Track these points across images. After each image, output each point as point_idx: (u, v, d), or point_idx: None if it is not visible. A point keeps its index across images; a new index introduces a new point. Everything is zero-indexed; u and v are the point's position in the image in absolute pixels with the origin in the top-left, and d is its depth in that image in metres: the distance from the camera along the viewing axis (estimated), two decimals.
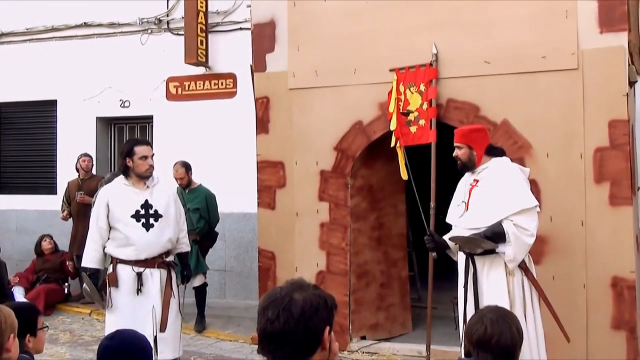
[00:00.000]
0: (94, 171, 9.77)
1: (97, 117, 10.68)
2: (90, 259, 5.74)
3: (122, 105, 10.47)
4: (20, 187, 11.24)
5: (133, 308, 5.60)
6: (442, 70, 6.69)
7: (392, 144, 6.81)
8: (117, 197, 5.71)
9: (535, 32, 6.34)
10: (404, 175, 6.84)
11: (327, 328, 2.12)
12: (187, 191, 8.17)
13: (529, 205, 5.08)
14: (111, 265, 5.73)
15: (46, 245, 9.67)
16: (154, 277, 5.67)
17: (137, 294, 5.61)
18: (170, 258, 5.88)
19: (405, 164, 6.73)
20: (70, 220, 9.55)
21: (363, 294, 7.34)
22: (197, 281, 8.12)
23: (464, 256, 5.28)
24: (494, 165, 5.27)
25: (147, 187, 5.75)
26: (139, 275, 5.61)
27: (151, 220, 5.67)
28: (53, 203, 10.34)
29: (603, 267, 6.12)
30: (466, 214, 5.28)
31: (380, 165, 7.39)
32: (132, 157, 5.67)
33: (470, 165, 5.32)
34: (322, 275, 7.23)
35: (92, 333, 8.10)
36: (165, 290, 5.70)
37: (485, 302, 5.05)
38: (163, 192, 5.85)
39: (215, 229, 8.47)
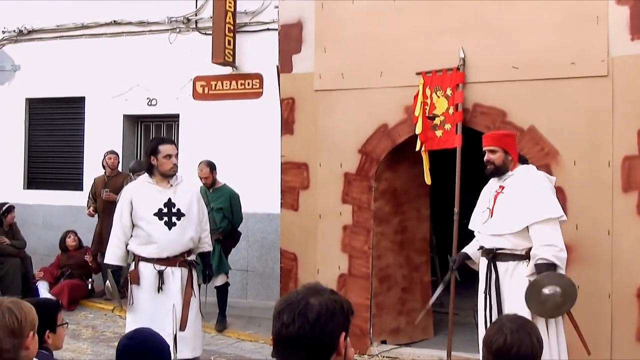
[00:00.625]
0: (120, 168, 9.84)
1: (124, 115, 10.75)
2: (112, 256, 5.79)
3: (149, 103, 10.54)
4: (47, 182, 11.37)
5: (154, 306, 5.62)
6: (469, 74, 6.63)
7: (417, 148, 6.77)
8: (140, 195, 5.73)
9: (565, 37, 6.26)
10: (428, 179, 6.81)
11: (343, 334, 2.09)
12: (211, 190, 8.18)
13: (554, 215, 5.00)
14: (133, 262, 5.77)
15: (70, 242, 9.75)
16: (175, 276, 5.68)
17: (158, 292, 5.63)
18: (192, 257, 5.90)
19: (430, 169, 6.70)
20: (96, 216, 9.62)
21: (384, 298, 7.31)
22: (219, 281, 8.13)
23: (486, 261, 5.24)
24: (520, 172, 5.20)
25: (171, 185, 5.77)
26: (160, 274, 5.63)
27: (174, 219, 5.68)
28: (79, 199, 10.44)
29: (629, 277, 6.03)
30: (490, 221, 5.22)
31: (405, 168, 7.35)
32: (157, 155, 5.70)
33: (503, 170, 5.21)
34: (343, 278, 7.21)
35: (114, 329, 8.15)
36: (186, 289, 5.72)
37: (506, 308, 5.01)
38: (186, 191, 5.87)
39: (239, 229, 8.49)
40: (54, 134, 11.43)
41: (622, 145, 6.06)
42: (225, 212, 8.15)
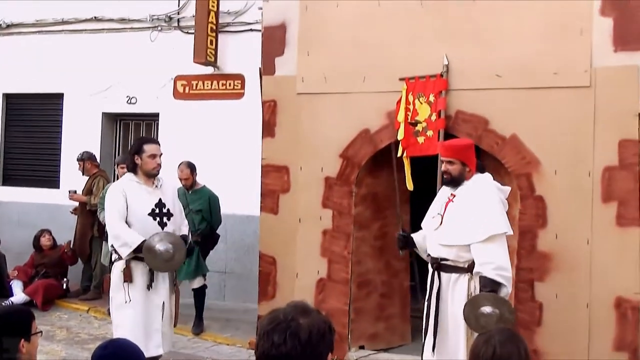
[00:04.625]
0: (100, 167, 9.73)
1: (103, 113, 10.64)
2: (135, 236, 5.60)
3: (129, 101, 10.43)
4: (23, 179, 11.21)
5: (145, 303, 5.69)
6: (453, 81, 6.61)
7: (399, 154, 6.75)
8: (133, 194, 5.76)
9: (548, 47, 6.26)
10: (410, 185, 6.79)
11: (330, 354, 2.08)
12: (190, 192, 8.11)
13: (496, 231, 5.02)
14: (120, 261, 5.68)
15: (45, 241, 9.63)
16: (164, 274, 5.78)
17: (149, 290, 5.69)
18: None
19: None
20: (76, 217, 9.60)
21: (363, 304, 7.27)
22: (197, 283, 8.07)
23: (431, 270, 5.34)
24: (473, 183, 5.24)
25: (156, 186, 5.85)
26: (151, 272, 5.69)
27: (164, 219, 5.79)
28: (56, 197, 10.33)
29: (607, 287, 6.04)
30: (440, 228, 5.29)
31: (386, 174, 7.31)
32: (141, 154, 5.76)
33: (459, 181, 5.29)
34: (322, 283, 7.16)
35: (89, 331, 8.04)
36: (172, 286, 5.89)
37: (446, 320, 5.16)
38: (169, 190, 6.01)
39: (217, 231, 8.42)
40: (31, 130, 11.28)
41: (602, 156, 6.07)
42: (204, 214, 8.08)
